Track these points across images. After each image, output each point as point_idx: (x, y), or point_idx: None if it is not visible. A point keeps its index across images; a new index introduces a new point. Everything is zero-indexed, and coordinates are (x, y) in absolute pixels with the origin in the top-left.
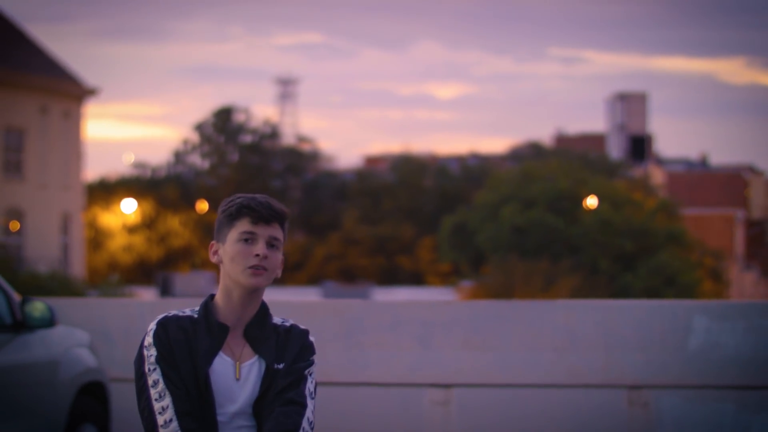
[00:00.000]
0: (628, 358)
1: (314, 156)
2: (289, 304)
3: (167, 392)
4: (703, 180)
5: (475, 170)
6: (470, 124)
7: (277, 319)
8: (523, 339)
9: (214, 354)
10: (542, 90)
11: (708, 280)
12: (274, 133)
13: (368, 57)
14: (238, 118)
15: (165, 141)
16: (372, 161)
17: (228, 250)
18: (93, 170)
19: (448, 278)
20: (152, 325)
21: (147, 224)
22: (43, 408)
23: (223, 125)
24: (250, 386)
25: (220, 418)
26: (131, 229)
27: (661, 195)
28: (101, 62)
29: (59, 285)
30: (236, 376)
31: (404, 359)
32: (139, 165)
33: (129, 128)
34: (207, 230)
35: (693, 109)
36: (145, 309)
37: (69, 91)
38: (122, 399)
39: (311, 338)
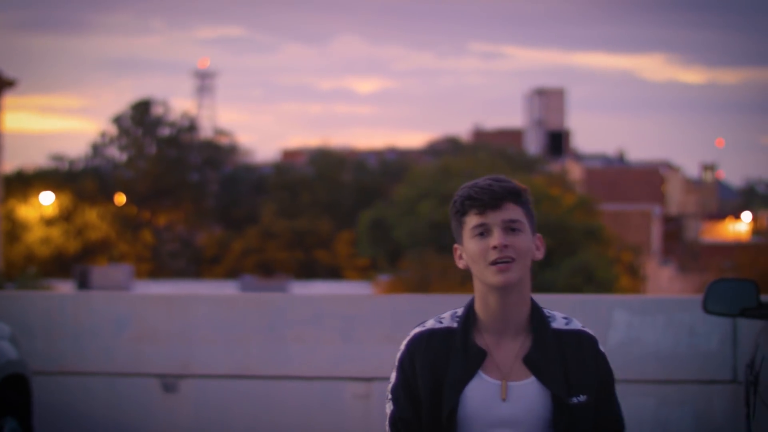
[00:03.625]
0: None
1: (232, 149)
2: (209, 298)
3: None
4: (621, 176)
5: (393, 165)
6: (389, 118)
7: (556, 320)
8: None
9: (467, 381)
10: (462, 85)
11: (626, 276)
12: (192, 127)
13: (289, 51)
14: (157, 110)
15: (84, 134)
16: (290, 155)
17: (467, 250)
18: (11, 162)
19: (365, 272)
20: (404, 343)
21: (64, 217)
22: None
23: (141, 118)
24: (524, 411)
25: None
26: (48, 222)
27: (579, 190)
28: (20, 54)
29: None
30: (502, 396)
31: (326, 353)
32: (57, 157)
33: (48, 120)
34: (124, 223)
35: (611, 105)
36: (67, 301)
37: None
38: (43, 392)
39: (602, 347)
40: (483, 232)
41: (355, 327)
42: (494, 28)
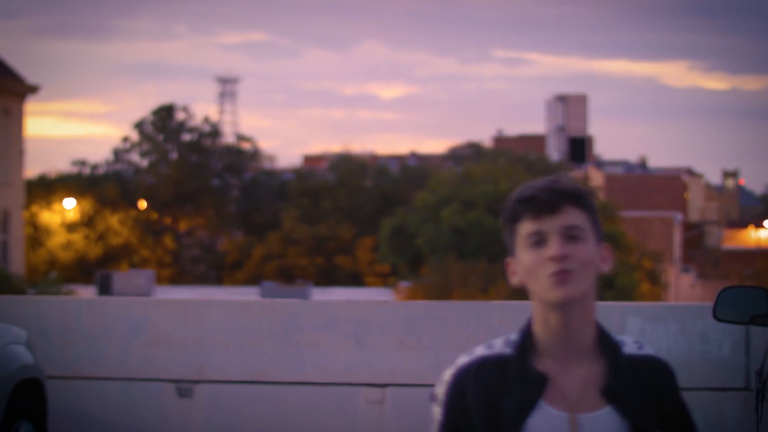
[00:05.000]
0: None
1: (254, 155)
2: (224, 303)
3: None
4: (642, 182)
5: (414, 171)
6: (412, 124)
7: (627, 344)
8: (458, 339)
9: (528, 412)
10: (484, 91)
11: (646, 282)
12: (214, 132)
13: (312, 57)
14: (179, 116)
15: (107, 139)
16: (312, 161)
17: (521, 262)
18: (34, 168)
19: (386, 279)
20: (447, 374)
21: (86, 222)
22: None
23: (163, 123)
24: None
25: None
26: (70, 227)
27: (600, 197)
28: (43, 59)
29: None
30: (571, 430)
31: (340, 358)
32: (79, 163)
33: (71, 126)
34: (146, 228)
35: (633, 111)
36: (83, 306)
37: (10, 89)
38: (59, 396)
39: (675, 373)
40: (539, 240)
41: (369, 333)
42: (517, 34)
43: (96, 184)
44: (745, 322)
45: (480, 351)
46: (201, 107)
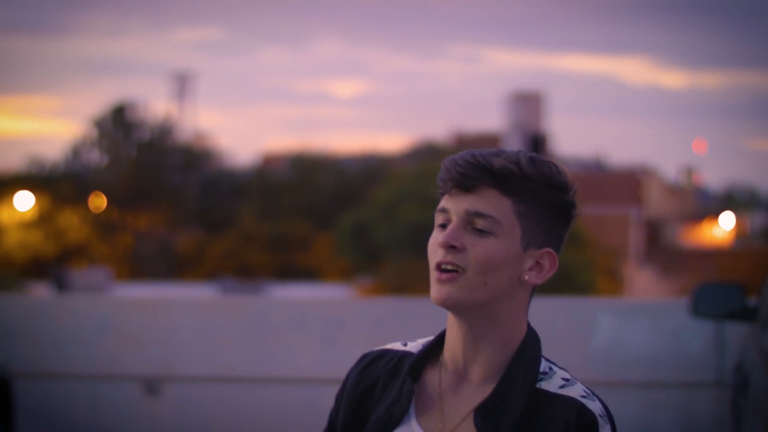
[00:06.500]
0: None
1: (211, 153)
2: (192, 301)
3: None
4: (599, 179)
5: (372, 168)
6: (369, 121)
7: (551, 379)
8: (425, 336)
9: (389, 427)
10: (442, 88)
11: (604, 279)
12: (170, 130)
13: (268, 54)
14: (136, 114)
15: (62, 136)
16: (270, 159)
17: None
18: None
19: (345, 275)
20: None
21: (43, 220)
22: None
23: (120, 121)
24: None
25: None
26: (27, 226)
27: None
28: None
29: None
30: None
31: (308, 356)
32: (35, 160)
33: (25, 123)
34: (103, 226)
35: (591, 107)
36: (48, 304)
37: None
38: (25, 395)
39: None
40: (444, 221)
41: (337, 331)
42: (473, 30)
43: (53, 182)
44: (722, 317)
45: (390, 345)
46: (157, 104)
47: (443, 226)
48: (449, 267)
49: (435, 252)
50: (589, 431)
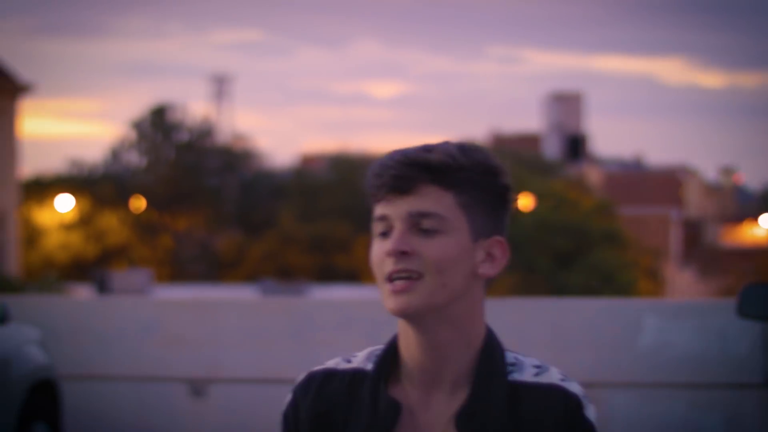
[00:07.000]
0: (578, 356)
1: (250, 154)
2: (236, 303)
3: None
4: (639, 180)
5: None
6: (407, 122)
7: (523, 369)
8: None
9: None
10: (480, 89)
11: (644, 279)
12: (209, 131)
13: (306, 55)
14: (175, 115)
15: (102, 138)
16: (308, 160)
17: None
18: (28, 168)
19: None
20: (291, 391)
21: (83, 222)
22: None
23: (159, 123)
24: None
25: None
26: (67, 227)
27: (597, 195)
28: (37, 58)
29: None
30: None
31: None
32: (75, 162)
33: (65, 125)
34: (143, 228)
35: (630, 108)
36: (92, 306)
37: (3, 87)
38: (71, 396)
39: (588, 413)
40: (385, 229)
41: (384, 332)
42: (511, 31)
43: (93, 184)
44: None
45: (333, 363)
46: (196, 106)
47: (384, 234)
48: (403, 275)
49: (382, 263)
50: (577, 414)
